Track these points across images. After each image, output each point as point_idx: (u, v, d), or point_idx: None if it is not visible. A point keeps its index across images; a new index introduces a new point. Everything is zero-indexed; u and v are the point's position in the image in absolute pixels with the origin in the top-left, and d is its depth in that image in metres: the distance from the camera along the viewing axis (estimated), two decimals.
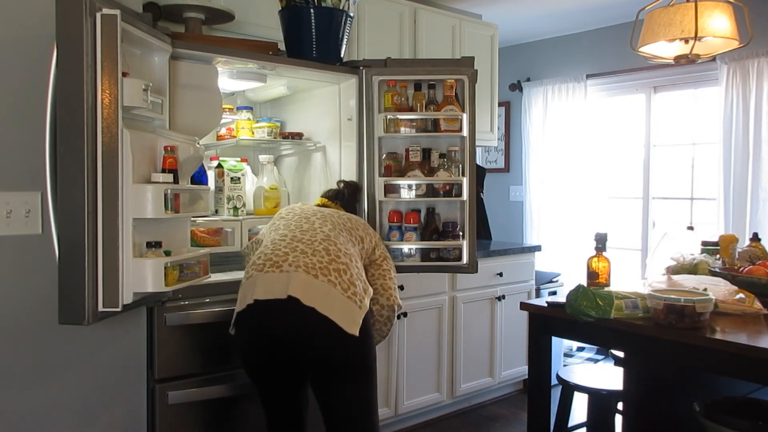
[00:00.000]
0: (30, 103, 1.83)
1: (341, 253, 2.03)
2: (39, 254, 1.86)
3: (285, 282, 1.90)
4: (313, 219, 2.18)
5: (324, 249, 2.01)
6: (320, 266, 1.94)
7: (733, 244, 2.68)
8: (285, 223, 2.20)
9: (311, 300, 1.87)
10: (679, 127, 4.62)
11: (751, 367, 1.75)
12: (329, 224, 2.15)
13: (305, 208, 2.33)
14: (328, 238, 2.07)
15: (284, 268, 1.94)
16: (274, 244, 2.06)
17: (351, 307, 1.91)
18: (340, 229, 2.15)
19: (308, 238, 2.04)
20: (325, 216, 2.21)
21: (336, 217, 2.22)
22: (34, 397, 1.88)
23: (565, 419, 2.55)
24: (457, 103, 2.74)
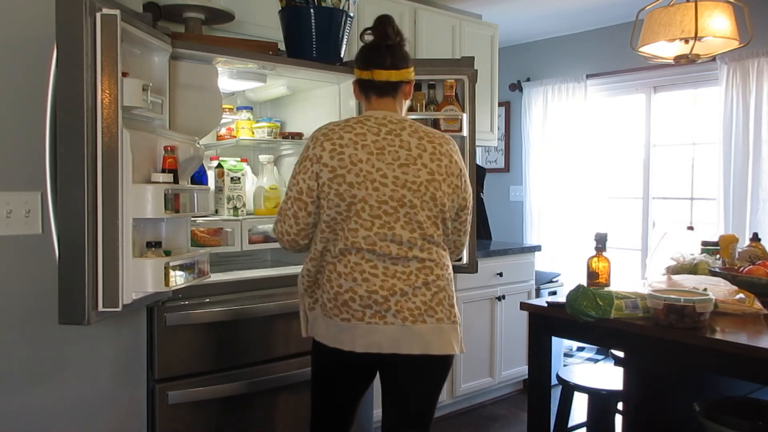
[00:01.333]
0: (30, 103, 1.83)
1: (439, 275, 1.83)
2: (39, 254, 1.86)
3: (392, 337, 1.78)
4: (394, 217, 1.79)
5: (423, 282, 1.80)
6: (425, 308, 1.79)
7: (733, 244, 2.68)
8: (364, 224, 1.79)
9: (423, 348, 1.79)
10: (679, 127, 4.62)
11: (751, 367, 1.75)
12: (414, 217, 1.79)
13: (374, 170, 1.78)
14: (423, 263, 1.81)
15: (388, 319, 1.78)
16: (366, 280, 1.78)
17: (456, 330, 1.85)
18: (425, 208, 1.80)
19: (402, 270, 1.79)
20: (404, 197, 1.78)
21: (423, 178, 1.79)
22: (34, 397, 1.88)
23: (565, 419, 2.55)
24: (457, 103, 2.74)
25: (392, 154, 1.79)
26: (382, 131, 1.82)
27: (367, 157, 1.78)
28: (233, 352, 2.37)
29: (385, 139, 1.80)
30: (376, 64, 1.87)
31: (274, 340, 2.48)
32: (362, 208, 1.78)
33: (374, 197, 1.78)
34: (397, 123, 1.84)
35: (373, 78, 1.87)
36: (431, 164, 1.80)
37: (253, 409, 2.43)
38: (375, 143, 1.80)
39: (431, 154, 1.81)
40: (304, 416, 2.57)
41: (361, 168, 1.78)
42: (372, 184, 1.78)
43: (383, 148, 1.79)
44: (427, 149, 1.81)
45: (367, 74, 1.88)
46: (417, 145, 1.81)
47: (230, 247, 2.68)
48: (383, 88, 1.88)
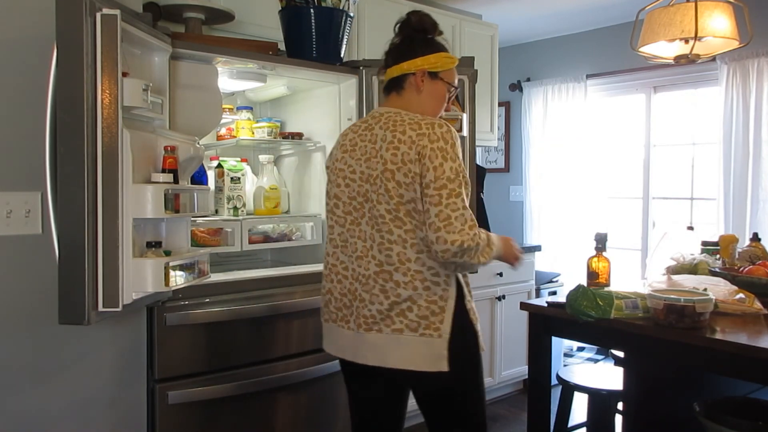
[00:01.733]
0: (30, 103, 1.83)
1: (399, 281, 1.69)
2: (39, 254, 1.86)
3: (354, 345, 1.76)
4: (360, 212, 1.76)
5: (380, 289, 1.70)
6: (381, 317, 1.70)
7: (733, 244, 2.69)
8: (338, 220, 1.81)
9: (374, 359, 1.72)
10: (679, 127, 4.62)
11: (751, 367, 1.75)
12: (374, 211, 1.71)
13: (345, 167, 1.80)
14: (380, 266, 1.70)
15: (351, 324, 1.76)
16: (339, 281, 1.80)
17: (429, 344, 1.67)
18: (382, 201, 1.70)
19: (363, 272, 1.73)
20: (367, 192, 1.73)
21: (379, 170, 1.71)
22: (34, 397, 1.88)
23: (565, 419, 2.55)
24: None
25: (361, 149, 1.77)
26: (361, 127, 1.82)
27: (342, 155, 1.82)
28: (233, 352, 2.37)
29: (360, 135, 1.80)
30: (384, 66, 1.88)
31: (274, 340, 2.48)
32: (336, 205, 1.82)
33: (346, 193, 1.79)
34: (377, 117, 1.80)
35: (387, 77, 1.87)
36: (386, 154, 1.69)
37: (253, 409, 2.43)
38: (351, 140, 1.81)
39: (389, 143, 1.70)
40: (304, 416, 2.57)
41: (336, 165, 1.83)
42: (344, 180, 1.79)
43: (356, 144, 1.79)
44: (387, 138, 1.71)
45: (384, 74, 1.88)
46: (381, 136, 1.73)
47: (230, 247, 2.68)
48: (387, 85, 1.87)
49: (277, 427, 2.51)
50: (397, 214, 1.68)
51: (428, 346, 1.67)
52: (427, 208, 1.65)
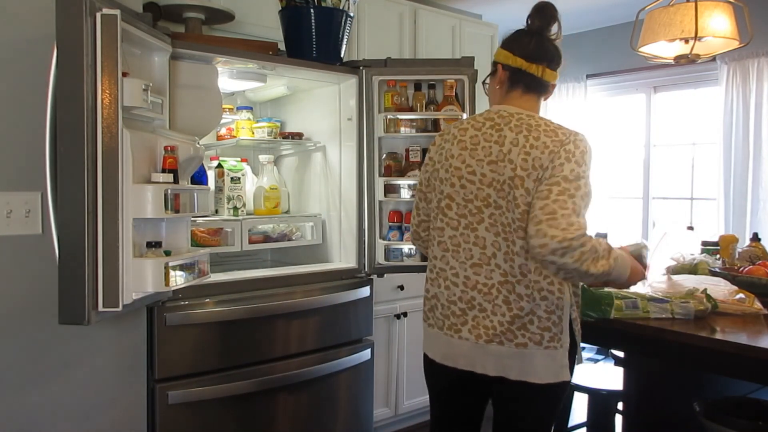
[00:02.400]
0: (30, 103, 1.83)
1: (521, 294, 1.62)
2: (39, 254, 1.86)
3: (472, 355, 1.67)
4: (478, 217, 1.65)
5: (504, 300, 1.62)
6: (501, 329, 1.62)
7: (733, 244, 2.69)
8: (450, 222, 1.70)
9: (494, 369, 1.65)
10: (679, 127, 4.62)
11: (751, 367, 1.75)
12: (500, 218, 1.62)
13: (463, 166, 1.67)
14: (505, 277, 1.62)
15: (463, 334, 1.66)
16: (448, 288, 1.70)
17: (553, 356, 1.62)
18: (509, 209, 1.59)
19: (483, 281, 1.64)
20: (489, 197, 1.62)
21: (507, 175, 1.59)
22: (33, 397, 1.88)
23: (565, 419, 2.55)
24: (457, 103, 2.74)
25: (485, 150, 1.64)
26: (485, 125, 1.68)
27: (459, 153, 1.68)
28: (233, 352, 2.37)
29: (485, 134, 1.66)
30: (547, 61, 1.75)
31: (275, 340, 2.48)
32: (448, 206, 1.70)
33: (461, 195, 1.67)
34: (506, 117, 1.67)
35: (541, 76, 1.74)
36: (517, 159, 1.58)
37: (253, 409, 2.43)
38: (472, 138, 1.67)
39: (522, 147, 1.58)
40: (304, 416, 2.58)
41: (452, 163, 1.69)
42: (459, 180, 1.67)
43: (478, 142, 1.66)
44: (520, 142, 1.59)
45: (535, 68, 1.72)
46: (512, 139, 1.61)
47: (230, 247, 2.67)
48: (539, 85, 1.75)
49: (277, 427, 2.51)
50: (521, 224, 1.58)
51: (552, 358, 1.63)
52: (534, 202, 1.55)
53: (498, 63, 1.76)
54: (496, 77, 1.76)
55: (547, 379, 1.62)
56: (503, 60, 1.73)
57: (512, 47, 1.73)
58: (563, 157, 1.57)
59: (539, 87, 1.74)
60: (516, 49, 1.72)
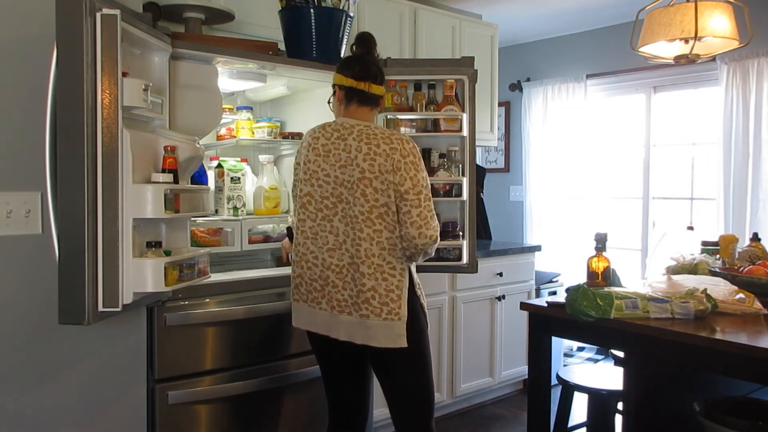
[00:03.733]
0: (30, 103, 1.83)
1: (364, 272, 1.99)
2: (39, 254, 1.86)
3: (328, 322, 2.07)
4: (333, 211, 2.03)
5: (351, 278, 2.01)
6: (351, 302, 2.02)
7: (733, 244, 2.68)
8: (310, 215, 2.07)
9: (346, 335, 2.03)
10: (679, 127, 4.61)
11: (751, 367, 1.75)
12: (349, 211, 2.00)
13: (319, 170, 2.06)
14: (352, 259, 2.00)
15: (323, 305, 2.07)
16: (309, 269, 2.09)
17: (391, 326, 1.99)
18: (357, 204, 1.98)
19: (336, 262, 2.03)
20: (341, 194, 2.01)
21: (356, 177, 1.98)
22: (34, 397, 1.89)
23: (565, 419, 2.55)
24: (457, 103, 2.74)
25: (335, 156, 2.03)
26: (333, 135, 2.06)
27: (315, 158, 2.06)
28: (233, 352, 2.37)
29: (334, 143, 2.04)
30: (365, 76, 2.08)
31: (274, 340, 2.48)
32: (308, 201, 2.08)
33: (318, 192, 2.05)
34: (349, 128, 2.05)
35: (367, 90, 2.08)
36: (363, 164, 1.98)
37: (253, 409, 2.43)
38: (324, 146, 2.06)
39: (365, 155, 1.98)
40: (304, 416, 2.58)
41: (309, 167, 2.07)
42: (317, 181, 2.05)
43: (329, 150, 2.04)
44: (362, 150, 1.99)
45: (363, 85, 2.08)
46: (356, 147, 2.00)
47: (230, 247, 2.68)
48: (362, 97, 2.10)
49: (277, 427, 2.51)
50: (369, 215, 1.98)
51: (390, 328, 1.99)
52: (408, 210, 1.98)
53: (335, 85, 2.14)
54: (336, 96, 2.15)
55: (387, 344, 1.99)
56: (338, 82, 2.12)
57: (343, 71, 2.12)
58: (413, 169, 1.98)
59: (369, 100, 2.11)
60: (346, 71, 2.10)
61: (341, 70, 2.12)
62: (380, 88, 2.13)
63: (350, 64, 2.12)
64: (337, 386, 2.21)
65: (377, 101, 2.14)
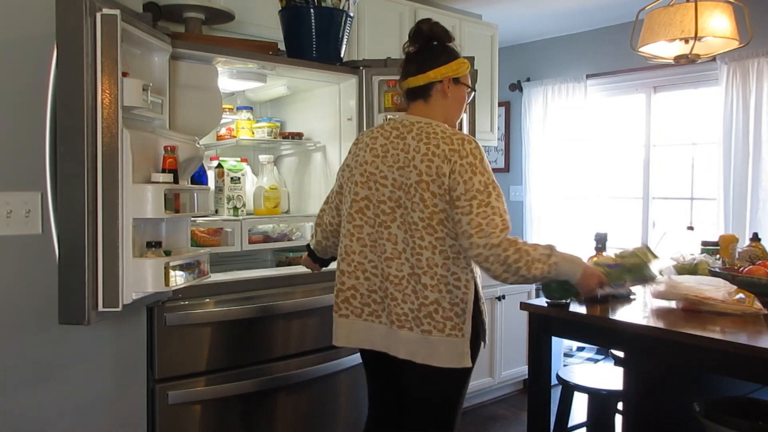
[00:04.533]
0: (30, 103, 1.83)
1: (426, 284, 1.81)
2: (39, 254, 1.86)
3: (387, 338, 1.89)
4: (391, 216, 1.86)
5: (412, 290, 1.83)
6: (413, 316, 1.83)
7: (733, 244, 2.68)
8: (368, 221, 1.90)
9: (404, 353, 1.85)
10: (679, 127, 4.61)
11: (751, 367, 1.75)
12: (408, 217, 1.83)
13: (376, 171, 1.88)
14: (413, 269, 1.82)
15: (383, 319, 1.90)
16: (368, 279, 1.90)
17: (455, 343, 1.82)
18: (416, 210, 1.81)
19: (395, 273, 1.84)
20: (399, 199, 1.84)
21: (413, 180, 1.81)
22: (34, 397, 1.89)
23: (565, 419, 2.55)
24: None
25: (394, 157, 1.87)
26: (392, 134, 1.91)
27: (372, 159, 1.90)
28: (233, 352, 2.38)
29: (392, 143, 1.89)
30: (405, 74, 1.96)
31: (274, 340, 2.48)
32: (366, 206, 1.90)
33: (376, 196, 1.88)
34: (408, 126, 1.90)
35: (407, 86, 1.96)
36: (421, 165, 1.81)
37: (253, 409, 2.43)
38: (382, 146, 1.90)
39: (423, 155, 1.82)
40: (304, 416, 2.58)
41: (366, 169, 1.91)
42: (375, 184, 1.89)
43: (387, 150, 1.89)
44: (421, 150, 1.83)
45: (404, 84, 1.97)
46: (414, 147, 1.84)
47: (230, 247, 2.68)
48: (413, 94, 1.96)
49: (277, 427, 2.51)
50: (430, 222, 1.80)
51: (454, 345, 1.82)
52: (459, 218, 1.78)
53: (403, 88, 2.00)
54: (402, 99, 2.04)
55: (449, 363, 1.81)
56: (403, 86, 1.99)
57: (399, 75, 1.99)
58: (469, 171, 1.78)
59: (413, 94, 1.96)
60: (401, 75, 1.98)
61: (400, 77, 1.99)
62: (416, 79, 1.92)
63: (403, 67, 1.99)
64: (385, 404, 2.05)
65: (427, 91, 1.93)
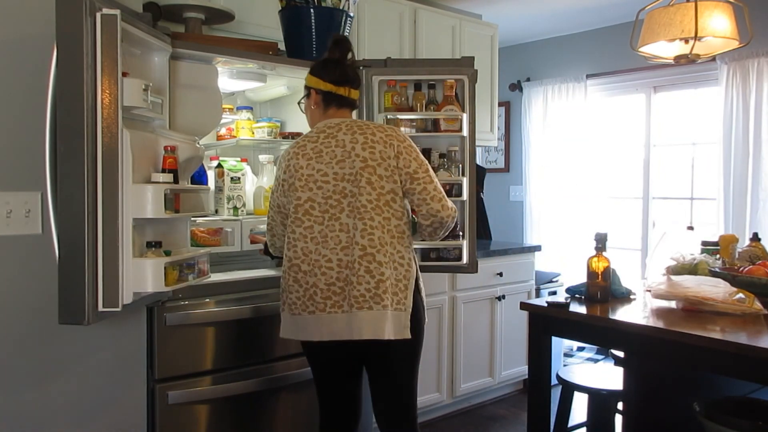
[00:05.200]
0: (30, 103, 1.83)
1: (381, 261, 1.95)
2: (39, 254, 1.86)
3: (347, 324, 1.96)
4: (338, 208, 1.97)
5: (365, 270, 1.94)
6: (370, 295, 1.94)
7: (733, 244, 2.68)
8: (317, 219, 1.98)
9: (369, 333, 1.94)
10: (679, 127, 4.62)
11: (751, 367, 1.75)
12: (356, 203, 1.96)
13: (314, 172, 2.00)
14: (364, 250, 1.94)
15: (344, 307, 1.96)
16: (324, 273, 1.96)
17: (398, 317, 1.97)
18: (363, 193, 1.96)
19: (350, 259, 1.95)
20: (344, 189, 1.97)
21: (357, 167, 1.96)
22: (34, 397, 1.89)
23: (565, 419, 2.55)
24: (457, 103, 2.74)
25: (329, 155, 2.00)
26: (320, 138, 2.03)
27: (307, 163, 2.01)
28: (233, 352, 2.38)
29: (323, 143, 2.02)
30: (350, 83, 2.09)
31: (274, 340, 2.47)
32: (312, 207, 2.00)
33: (320, 195, 1.99)
34: (335, 126, 2.04)
35: (347, 95, 2.09)
36: (363, 153, 1.97)
37: (253, 409, 2.43)
38: (313, 149, 2.02)
39: (363, 144, 1.98)
40: (304, 416, 2.57)
41: (303, 173, 2.00)
42: (315, 183, 1.99)
43: (320, 151, 2.01)
44: (359, 140, 1.98)
45: (342, 90, 2.08)
46: (350, 139, 1.99)
47: (230, 247, 2.67)
48: (348, 102, 2.12)
49: (277, 427, 2.51)
50: (377, 203, 1.97)
51: (398, 319, 1.97)
52: (424, 187, 2.00)
53: (311, 88, 2.11)
54: (311, 99, 2.12)
55: (394, 335, 1.95)
56: (314, 85, 2.10)
57: (322, 75, 2.09)
58: (413, 151, 2.03)
59: (348, 104, 2.12)
60: (324, 76, 2.08)
61: (319, 74, 2.09)
62: (357, 92, 2.13)
63: (329, 69, 2.09)
64: (338, 389, 2.14)
65: (355, 105, 2.16)
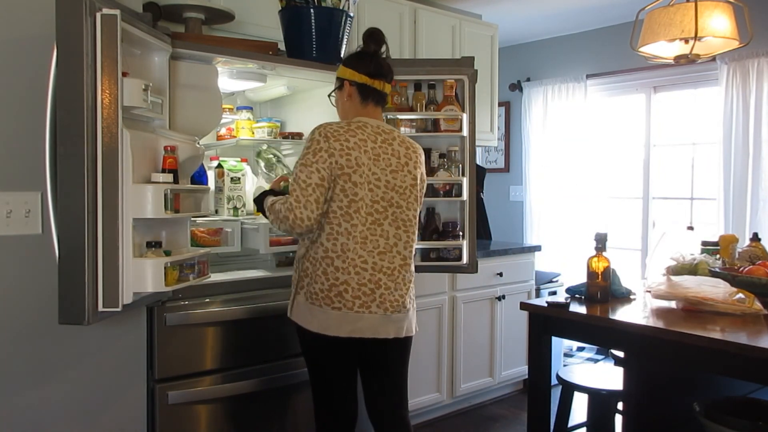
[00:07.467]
0: (30, 103, 1.83)
1: (412, 271, 2.14)
2: (39, 254, 1.86)
3: (377, 325, 2.04)
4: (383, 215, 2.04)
5: (403, 278, 2.09)
6: (402, 301, 2.08)
7: (733, 244, 2.68)
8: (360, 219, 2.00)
9: (395, 332, 2.07)
10: (679, 127, 4.62)
11: (751, 367, 1.75)
12: (401, 215, 2.08)
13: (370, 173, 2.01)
14: (404, 261, 2.09)
15: (372, 308, 2.02)
16: (358, 273, 1.99)
17: (414, 315, 2.16)
18: (410, 209, 2.11)
19: (387, 265, 2.04)
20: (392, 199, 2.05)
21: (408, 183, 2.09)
22: (34, 397, 1.89)
23: (565, 419, 2.55)
24: (457, 103, 2.74)
25: (385, 161, 2.04)
26: (378, 139, 2.05)
27: (366, 162, 2.01)
28: (233, 352, 2.38)
29: (381, 147, 2.04)
30: (384, 77, 2.09)
31: (274, 340, 2.48)
32: (360, 207, 2.00)
33: (369, 197, 2.02)
34: (389, 133, 2.09)
35: (382, 89, 2.09)
36: (415, 171, 2.11)
37: (253, 409, 2.43)
38: (373, 150, 2.03)
39: (414, 163, 2.11)
40: (304, 416, 2.57)
41: (363, 171, 2.00)
42: (368, 185, 2.01)
43: (379, 155, 2.03)
44: (412, 158, 2.10)
45: (378, 84, 2.07)
46: (404, 154, 2.09)
47: (230, 247, 2.67)
48: (383, 98, 2.12)
49: (277, 427, 2.51)
50: (415, 220, 2.12)
51: (414, 317, 2.16)
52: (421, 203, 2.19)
53: (344, 80, 2.10)
54: (344, 91, 2.11)
55: (413, 332, 2.15)
56: (349, 77, 2.08)
57: (357, 67, 2.07)
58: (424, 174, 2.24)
59: (382, 100, 2.13)
60: (360, 68, 2.06)
61: (354, 66, 2.07)
62: (390, 86, 2.14)
63: (364, 61, 2.07)
64: (347, 385, 2.14)
65: (386, 100, 2.16)
